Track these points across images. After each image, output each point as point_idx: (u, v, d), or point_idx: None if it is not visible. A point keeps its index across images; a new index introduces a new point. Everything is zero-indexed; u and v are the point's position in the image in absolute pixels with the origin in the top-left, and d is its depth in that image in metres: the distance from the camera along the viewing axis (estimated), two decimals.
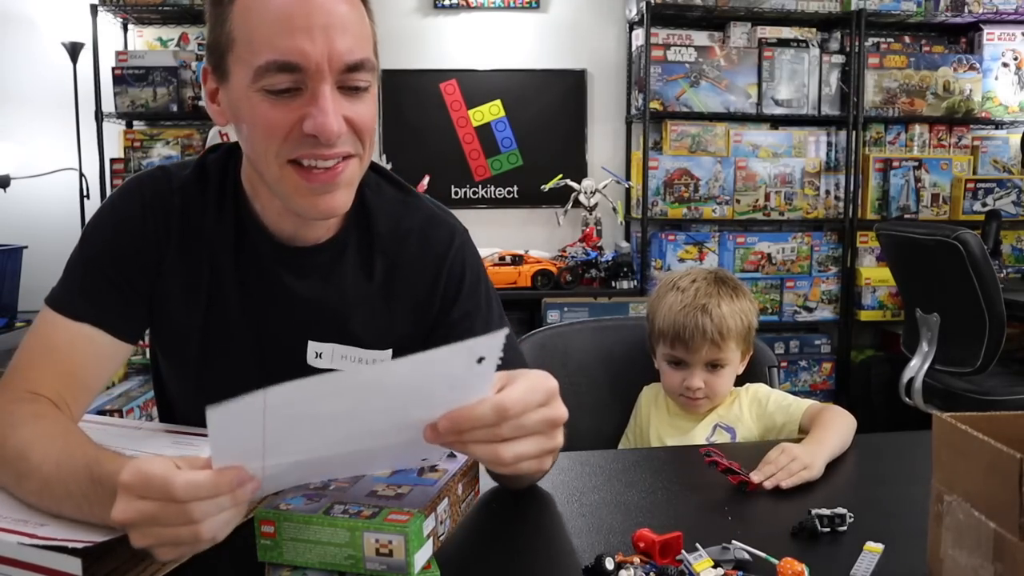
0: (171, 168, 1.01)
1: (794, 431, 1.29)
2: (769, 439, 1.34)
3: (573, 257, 3.33)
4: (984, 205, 3.50)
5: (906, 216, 3.53)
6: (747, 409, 1.38)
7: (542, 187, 3.39)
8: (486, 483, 0.99)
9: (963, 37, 3.70)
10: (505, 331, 0.67)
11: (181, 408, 1.09)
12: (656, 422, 1.43)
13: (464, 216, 1.17)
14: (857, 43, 3.42)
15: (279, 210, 0.96)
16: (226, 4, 0.86)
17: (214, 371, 1.02)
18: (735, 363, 1.39)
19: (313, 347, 1.02)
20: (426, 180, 3.29)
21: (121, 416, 2.70)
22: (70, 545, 0.69)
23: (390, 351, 1.04)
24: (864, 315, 3.54)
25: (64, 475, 0.75)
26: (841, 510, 0.88)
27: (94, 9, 3.12)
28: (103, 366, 0.96)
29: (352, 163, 0.90)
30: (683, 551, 0.78)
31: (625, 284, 3.28)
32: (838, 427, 1.18)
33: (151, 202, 0.98)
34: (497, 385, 0.71)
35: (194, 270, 0.98)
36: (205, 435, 0.97)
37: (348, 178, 0.90)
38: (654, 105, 3.38)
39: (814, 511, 0.87)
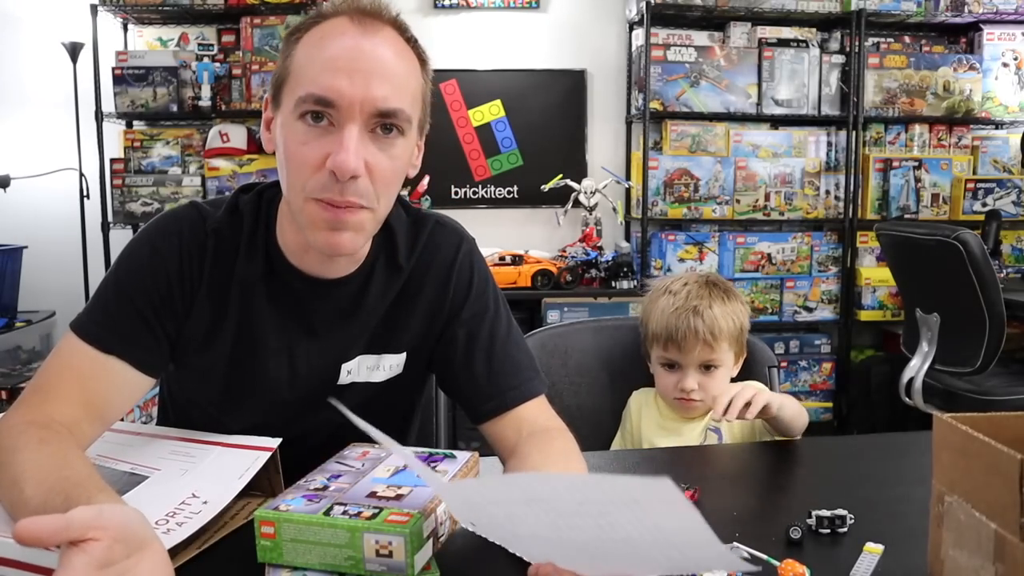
0: (205, 208, 1.03)
1: (765, 428, 1.31)
2: (748, 440, 1.35)
3: (573, 257, 3.33)
4: (984, 205, 3.49)
5: (906, 216, 3.53)
6: None
7: (542, 187, 3.39)
8: None
9: (963, 37, 3.70)
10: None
11: (191, 415, 1.10)
12: (647, 427, 1.43)
13: (464, 216, 1.18)
14: (857, 43, 3.42)
15: (304, 245, 0.99)
16: (292, 42, 0.93)
17: (242, 394, 1.05)
18: (728, 365, 1.39)
19: (344, 367, 1.06)
20: (426, 180, 3.29)
21: (121, 418, 2.69)
22: None
23: (404, 354, 1.09)
24: (864, 315, 3.54)
25: (48, 512, 0.75)
26: (841, 511, 0.88)
27: (94, 9, 3.12)
28: (124, 398, 0.97)
29: (365, 213, 0.92)
30: None
31: (625, 284, 3.28)
32: (790, 401, 1.24)
33: (188, 244, 0.99)
34: None
35: (221, 308, 1.01)
36: (203, 442, 0.98)
37: (356, 223, 0.92)
38: (654, 105, 3.38)
39: (814, 512, 0.88)
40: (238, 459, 0.92)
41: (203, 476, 0.90)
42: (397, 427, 1.19)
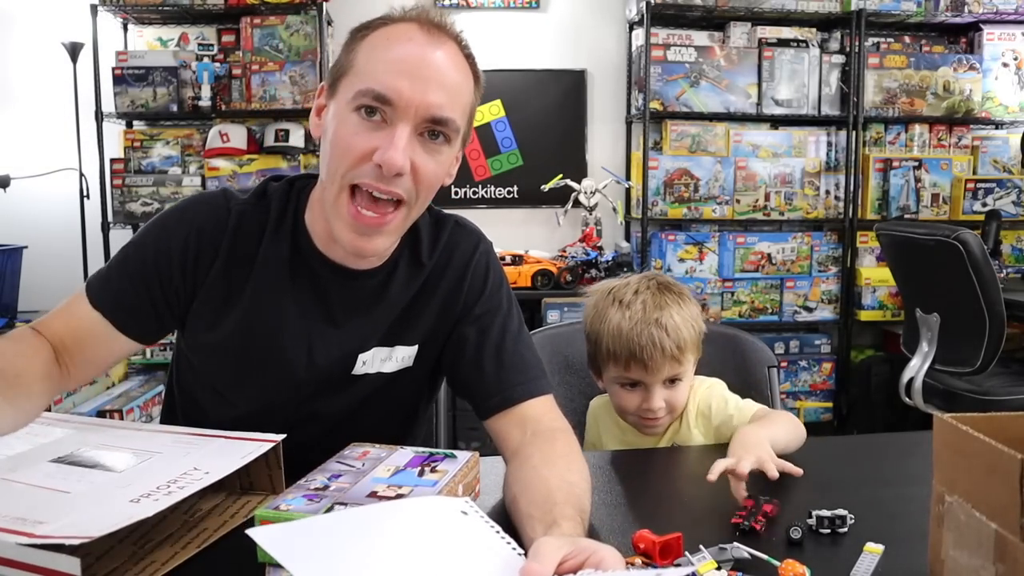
0: (233, 192, 1.07)
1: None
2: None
3: (573, 257, 3.33)
4: (984, 205, 3.49)
5: (906, 216, 3.53)
6: (694, 428, 1.30)
7: (542, 187, 3.39)
8: (486, 483, 0.99)
9: (963, 37, 3.70)
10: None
11: (198, 397, 1.13)
12: (608, 441, 1.35)
13: (464, 216, 1.18)
14: (857, 43, 3.42)
15: (333, 237, 1.01)
16: (358, 38, 0.98)
17: (255, 372, 1.07)
18: (691, 373, 1.30)
19: (360, 358, 1.08)
20: None
21: (121, 417, 2.70)
22: (67, 542, 0.69)
23: (416, 347, 1.11)
24: (864, 315, 3.54)
25: None
26: (841, 511, 0.88)
27: (94, 9, 3.12)
28: (108, 349, 1.03)
29: (400, 212, 0.97)
30: (685, 552, 0.78)
31: None
32: (779, 424, 1.13)
33: (203, 223, 1.03)
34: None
35: (239, 285, 1.04)
36: (206, 435, 0.98)
37: (393, 228, 0.98)
38: (654, 105, 3.38)
39: (815, 512, 0.88)
40: (241, 446, 0.92)
41: (206, 456, 0.90)
42: (401, 421, 1.19)
